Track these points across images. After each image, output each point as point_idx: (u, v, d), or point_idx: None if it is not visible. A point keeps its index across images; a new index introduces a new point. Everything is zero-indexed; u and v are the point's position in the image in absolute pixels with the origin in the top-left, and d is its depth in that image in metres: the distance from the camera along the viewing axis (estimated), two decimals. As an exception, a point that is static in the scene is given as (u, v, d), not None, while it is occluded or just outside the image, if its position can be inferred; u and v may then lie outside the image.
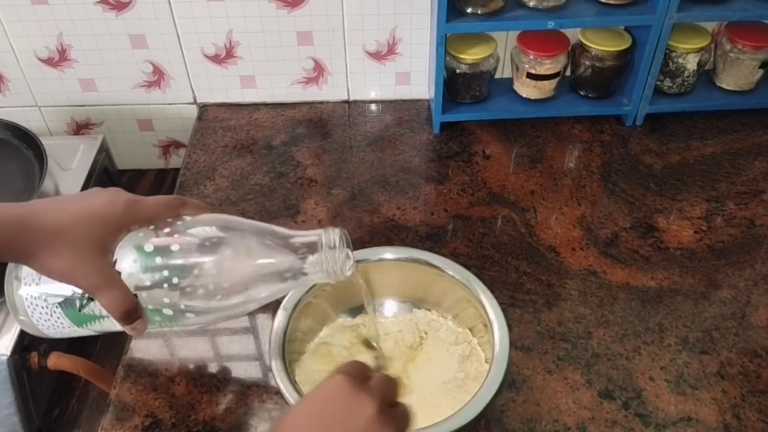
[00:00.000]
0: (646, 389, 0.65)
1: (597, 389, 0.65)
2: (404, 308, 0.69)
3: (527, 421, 0.63)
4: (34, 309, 0.55)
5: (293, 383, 0.57)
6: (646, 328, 0.70)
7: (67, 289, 0.53)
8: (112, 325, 0.53)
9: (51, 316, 0.55)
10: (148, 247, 0.51)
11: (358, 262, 0.65)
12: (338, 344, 0.66)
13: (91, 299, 0.52)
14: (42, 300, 0.54)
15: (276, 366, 0.58)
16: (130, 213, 0.52)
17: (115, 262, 0.51)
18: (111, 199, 0.52)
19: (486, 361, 0.62)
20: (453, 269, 0.66)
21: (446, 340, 0.66)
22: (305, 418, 0.44)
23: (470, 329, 0.66)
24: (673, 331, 0.70)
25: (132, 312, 0.51)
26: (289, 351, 0.61)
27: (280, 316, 0.62)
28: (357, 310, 0.68)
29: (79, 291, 0.52)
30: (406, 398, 0.60)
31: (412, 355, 0.65)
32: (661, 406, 0.64)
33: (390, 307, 0.70)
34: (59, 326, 0.56)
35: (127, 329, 0.52)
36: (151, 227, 0.53)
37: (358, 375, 0.45)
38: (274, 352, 0.59)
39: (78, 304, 0.53)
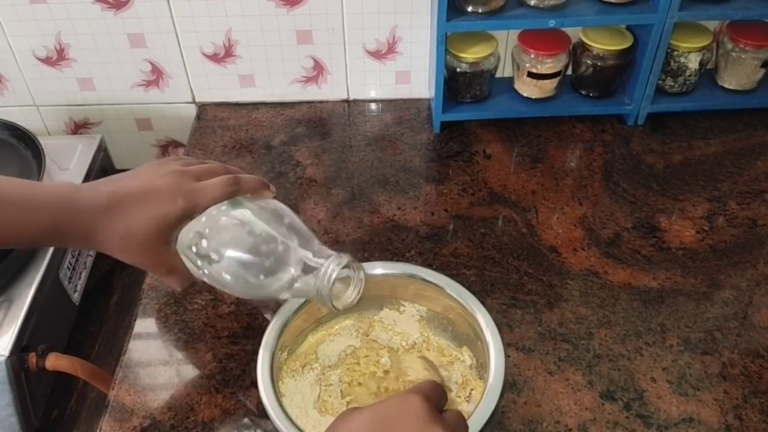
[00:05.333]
0: (647, 390, 0.65)
1: (598, 390, 0.65)
2: (394, 318, 0.68)
3: (528, 422, 0.62)
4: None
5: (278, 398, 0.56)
6: (647, 329, 0.70)
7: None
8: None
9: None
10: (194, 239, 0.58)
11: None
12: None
13: None
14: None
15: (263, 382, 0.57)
16: (189, 208, 0.56)
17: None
18: (171, 196, 0.56)
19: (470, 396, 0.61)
20: (450, 286, 0.64)
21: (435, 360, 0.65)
22: (371, 426, 0.43)
23: (464, 348, 0.65)
24: (674, 332, 0.70)
25: (190, 286, 0.61)
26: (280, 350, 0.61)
27: (275, 323, 0.61)
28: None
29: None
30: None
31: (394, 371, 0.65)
32: (662, 407, 0.63)
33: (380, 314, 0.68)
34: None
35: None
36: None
37: (436, 402, 0.45)
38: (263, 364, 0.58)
39: None
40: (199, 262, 0.57)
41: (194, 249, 0.57)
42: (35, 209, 0.53)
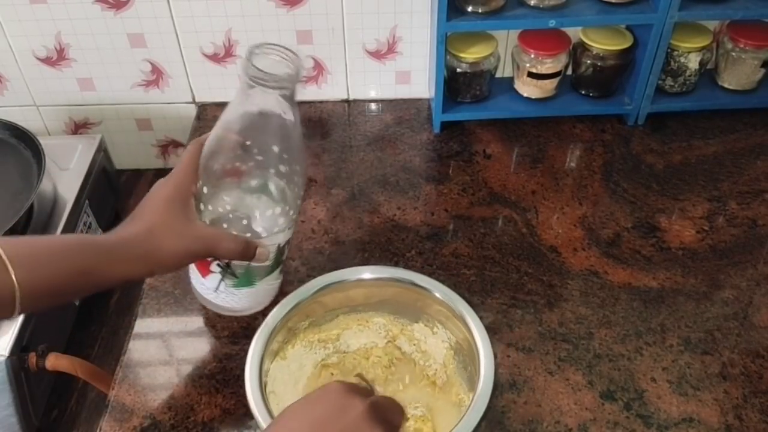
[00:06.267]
0: (647, 390, 0.65)
1: (598, 390, 0.65)
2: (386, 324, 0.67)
3: (528, 422, 0.62)
4: (218, 298, 0.64)
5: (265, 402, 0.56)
6: (647, 329, 0.70)
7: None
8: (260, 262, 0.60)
9: (234, 295, 0.64)
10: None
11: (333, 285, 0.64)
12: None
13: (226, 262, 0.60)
14: (211, 291, 0.64)
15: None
16: (190, 180, 0.58)
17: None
18: (166, 180, 0.57)
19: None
20: (438, 290, 0.63)
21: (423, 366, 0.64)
22: (300, 414, 0.46)
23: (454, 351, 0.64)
24: (675, 332, 0.70)
25: (246, 247, 0.58)
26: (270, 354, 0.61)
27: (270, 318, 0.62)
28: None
29: (216, 264, 0.61)
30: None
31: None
32: (662, 407, 0.63)
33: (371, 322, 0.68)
34: (251, 296, 0.65)
35: (255, 263, 0.60)
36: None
37: (357, 389, 0.48)
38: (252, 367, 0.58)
39: (229, 272, 0.61)
40: (210, 207, 0.58)
41: (205, 190, 0.58)
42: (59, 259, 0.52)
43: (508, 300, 0.73)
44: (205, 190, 0.58)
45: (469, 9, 0.86)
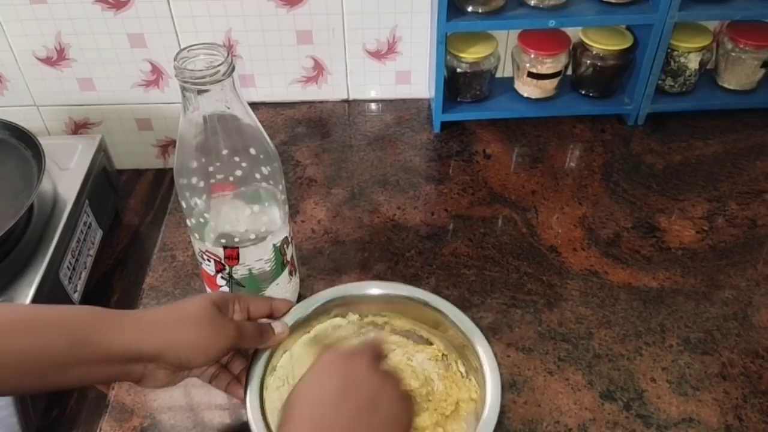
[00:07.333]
0: (647, 390, 0.65)
1: (598, 390, 0.65)
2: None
3: (528, 422, 0.62)
4: None
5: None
6: (647, 329, 0.70)
7: None
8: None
9: None
10: None
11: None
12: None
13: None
14: None
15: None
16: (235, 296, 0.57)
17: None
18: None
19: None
20: (450, 311, 0.61)
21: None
22: (318, 385, 0.48)
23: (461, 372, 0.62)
24: (674, 332, 0.70)
25: (264, 331, 0.56)
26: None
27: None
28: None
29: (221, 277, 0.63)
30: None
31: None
32: (662, 407, 0.63)
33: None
34: None
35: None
36: None
37: (341, 348, 0.53)
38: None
39: (234, 282, 0.63)
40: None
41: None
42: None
43: (508, 300, 0.73)
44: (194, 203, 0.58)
45: (469, 9, 0.86)
